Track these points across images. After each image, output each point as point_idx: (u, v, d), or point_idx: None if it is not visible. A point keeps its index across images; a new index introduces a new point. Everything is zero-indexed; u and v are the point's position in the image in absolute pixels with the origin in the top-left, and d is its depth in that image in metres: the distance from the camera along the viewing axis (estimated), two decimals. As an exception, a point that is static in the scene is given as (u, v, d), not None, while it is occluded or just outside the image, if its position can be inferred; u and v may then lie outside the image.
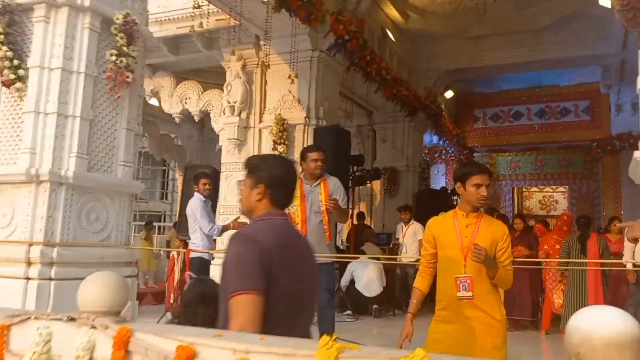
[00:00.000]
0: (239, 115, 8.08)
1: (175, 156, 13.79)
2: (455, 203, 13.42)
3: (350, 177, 8.20)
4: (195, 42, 8.46)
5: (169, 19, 8.43)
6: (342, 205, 4.16)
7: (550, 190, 18.49)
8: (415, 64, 11.89)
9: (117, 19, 4.10)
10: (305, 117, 7.66)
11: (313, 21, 7.34)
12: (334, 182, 4.20)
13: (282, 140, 7.62)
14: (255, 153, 8.05)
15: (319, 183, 4.15)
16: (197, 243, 5.07)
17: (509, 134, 15.46)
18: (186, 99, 9.09)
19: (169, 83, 9.24)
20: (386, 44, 10.47)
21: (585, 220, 6.21)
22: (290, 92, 7.83)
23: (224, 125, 8.18)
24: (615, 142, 13.37)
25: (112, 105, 4.22)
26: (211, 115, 8.77)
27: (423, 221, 7.50)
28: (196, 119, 9.11)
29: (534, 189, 18.52)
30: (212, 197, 8.41)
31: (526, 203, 19.10)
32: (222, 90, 8.28)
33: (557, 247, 6.26)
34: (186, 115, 9.21)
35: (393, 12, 10.53)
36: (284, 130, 7.64)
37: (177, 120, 9.41)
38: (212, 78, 9.50)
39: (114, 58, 4.06)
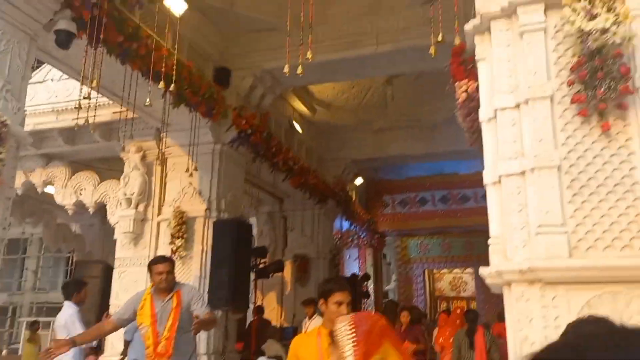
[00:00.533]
0: (136, 207, 7.75)
1: (74, 246, 12.92)
2: (364, 291, 13.49)
3: (254, 270, 7.98)
4: (92, 133, 8.17)
5: (65, 109, 8.15)
6: (204, 314, 3.80)
7: (460, 272, 19.12)
8: (324, 154, 12.20)
9: (-18, 121, 3.84)
10: (205, 210, 7.47)
11: (215, 116, 7.38)
12: (187, 291, 3.91)
13: (181, 234, 7.34)
14: (152, 247, 7.69)
15: (171, 297, 3.80)
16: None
17: (416, 219, 16.00)
18: (81, 190, 8.64)
19: (63, 173, 8.79)
20: (294, 135, 10.71)
21: (472, 314, 6.36)
22: (191, 184, 7.66)
23: (119, 218, 7.79)
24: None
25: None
26: (107, 207, 8.36)
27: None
28: (91, 211, 8.63)
29: (444, 270, 19.08)
30: (103, 296, 7.89)
31: (437, 284, 19.56)
32: (120, 181, 7.96)
33: (451, 340, 6.32)
34: (80, 207, 8.71)
35: (300, 106, 10.87)
36: (182, 224, 7.38)
37: (69, 212, 8.86)
38: (115, 167, 9.15)
39: (-24, 163, 3.75)
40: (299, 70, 4.19)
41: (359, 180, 14.59)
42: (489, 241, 3.28)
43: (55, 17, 4.60)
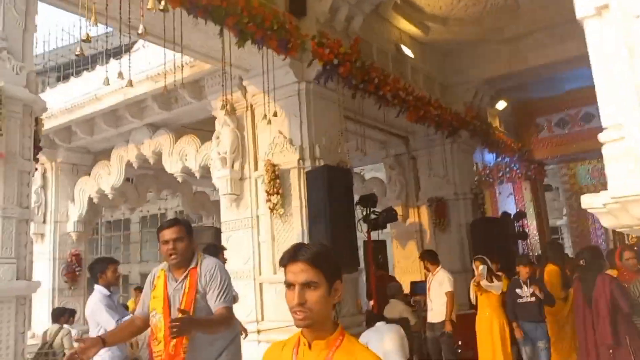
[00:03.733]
0: (232, 166, 7.18)
1: (213, 212, 13.15)
2: (519, 230, 11.63)
3: (362, 221, 6.94)
4: (182, 94, 7.74)
5: (158, 75, 7.79)
6: (215, 310, 2.78)
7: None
8: (447, 78, 10.51)
9: (-34, 86, 3.32)
10: (298, 160, 6.59)
11: (291, 50, 6.36)
12: (206, 268, 2.85)
13: (275, 190, 6.58)
14: (254, 206, 7.08)
15: (187, 275, 2.85)
16: (103, 357, 3.82)
17: (582, 139, 13.34)
18: (186, 155, 8.36)
19: (168, 141, 8.59)
20: (405, 61, 9.24)
21: None
22: (280, 132, 6.83)
23: (217, 180, 7.31)
24: None
25: (-25, 191, 3.42)
26: (210, 169, 7.94)
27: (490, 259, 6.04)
28: (197, 175, 8.31)
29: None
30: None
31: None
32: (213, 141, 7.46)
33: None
34: (187, 172, 8.45)
35: (408, 26, 9.32)
36: (276, 178, 6.60)
37: (179, 179, 8.68)
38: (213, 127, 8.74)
39: (-37, 133, 3.26)
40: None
41: (501, 104, 12.54)
42: None
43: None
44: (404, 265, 10.92)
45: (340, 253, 5.84)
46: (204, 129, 8.70)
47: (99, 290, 4.06)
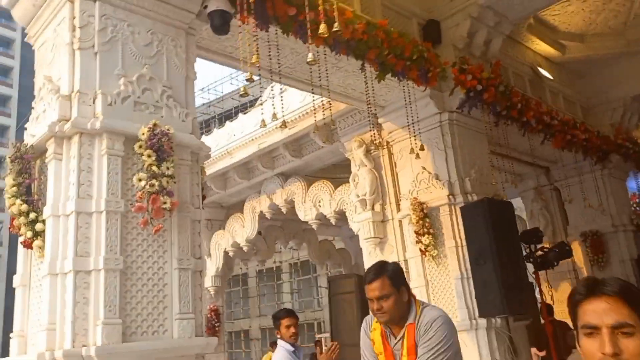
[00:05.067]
0: (372, 208, 6.81)
1: (339, 260, 12.82)
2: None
3: (529, 260, 6.18)
4: (313, 139, 7.62)
5: (292, 121, 7.77)
6: None
7: None
8: (589, 99, 9.57)
9: (143, 134, 3.26)
10: (448, 195, 6.06)
11: (431, 80, 5.99)
12: (427, 321, 2.32)
13: (426, 229, 6.06)
14: (400, 249, 6.60)
15: (404, 334, 2.33)
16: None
17: None
18: (319, 201, 8.15)
19: (300, 189, 8.46)
20: (542, 84, 8.53)
21: None
22: (424, 169, 6.37)
23: (358, 224, 6.95)
24: None
25: (153, 244, 3.28)
26: (347, 214, 7.64)
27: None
28: (333, 221, 8.04)
29: None
30: (363, 313, 7.08)
31: None
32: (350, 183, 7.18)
33: None
34: (322, 219, 8.22)
35: (543, 47, 8.65)
36: (424, 217, 6.10)
37: (314, 226, 8.45)
38: (348, 171, 8.53)
39: (142, 183, 3.16)
40: None
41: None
42: None
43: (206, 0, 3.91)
44: (558, 310, 9.75)
45: (515, 293, 5.15)
46: (336, 176, 8.52)
47: (282, 345, 3.74)
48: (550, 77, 8.58)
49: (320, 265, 13.11)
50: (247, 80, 3.70)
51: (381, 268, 2.46)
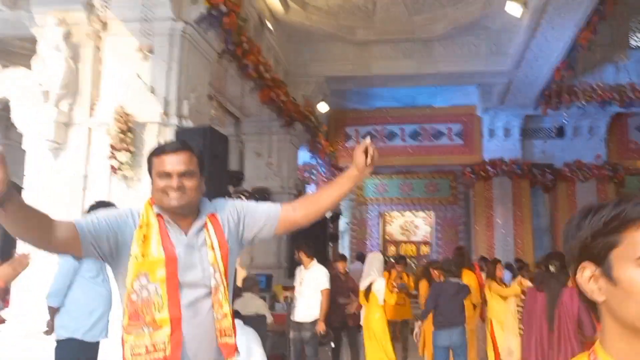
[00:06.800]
0: (57, 105, 5.42)
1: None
2: (331, 232, 11.85)
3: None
4: (-10, -6, 5.61)
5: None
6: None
7: (412, 215, 17.97)
8: (294, 66, 10.10)
9: None
10: (162, 114, 5.29)
11: (177, -22, 5.11)
12: (223, 209, 1.84)
13: (126, 146, 5.15)
14: (82, 161, 5.46)
15: (204, 224, 1.78)
16: None
17: (382, 155, 14.25)
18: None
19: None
20: (263, 37, 8.50)
21: None
22: (139, 76, 5.41)
23: (32, 120, 5.44)
24: (488, 167, 12.97)
25: None
26: (10, 104, 5.90)
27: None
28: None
29: (396, 213, 17.85)
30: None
31: (387, 228, 18.35)
32: (30, 67, 5.56)
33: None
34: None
35: (273, -1, 8.63)
36: (127, 131, 5.18)
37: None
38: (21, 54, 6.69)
39: None
40: None
41: (323, 107, 12.62)
42: None
43: None
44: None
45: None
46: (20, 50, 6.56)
47: None
48: (272, 31, 8.62)
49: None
50: None
51: (186, 142, 1.87)
